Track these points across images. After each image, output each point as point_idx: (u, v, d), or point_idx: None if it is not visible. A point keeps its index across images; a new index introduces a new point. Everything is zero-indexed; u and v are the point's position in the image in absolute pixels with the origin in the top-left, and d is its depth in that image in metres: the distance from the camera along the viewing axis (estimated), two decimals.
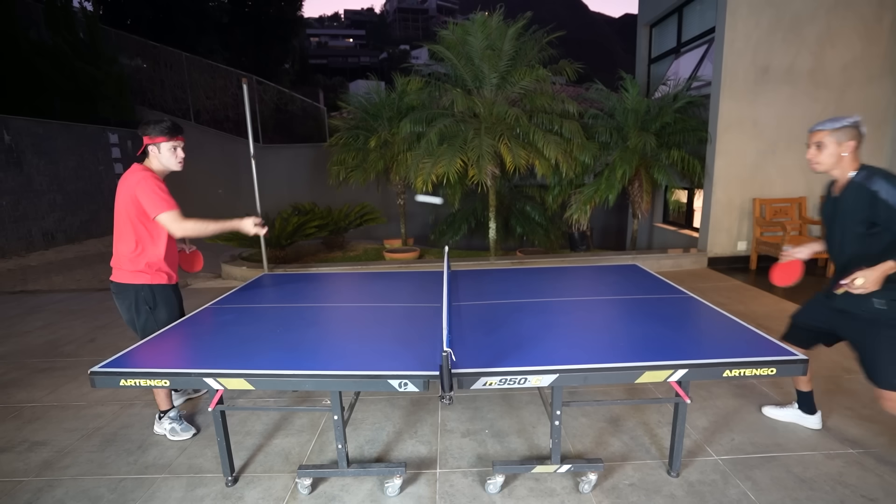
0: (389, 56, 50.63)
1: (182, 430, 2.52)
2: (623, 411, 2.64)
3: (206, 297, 3.23)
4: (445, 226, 7.79)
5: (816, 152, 1.99)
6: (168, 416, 2.53)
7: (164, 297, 2.42)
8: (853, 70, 5.51)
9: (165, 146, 2.31)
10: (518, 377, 1.66)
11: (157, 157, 2.33)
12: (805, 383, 2.38)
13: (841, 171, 1.98)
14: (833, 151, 1.95)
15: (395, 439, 2.45)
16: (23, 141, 7.72)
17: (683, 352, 1.82)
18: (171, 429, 2.51)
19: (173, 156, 2.34)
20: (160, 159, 2.33)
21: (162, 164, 2.35)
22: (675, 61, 7.70)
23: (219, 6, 16.70)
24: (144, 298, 2.37)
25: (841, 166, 1.97)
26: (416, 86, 6.67)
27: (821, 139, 1.97)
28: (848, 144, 1.92)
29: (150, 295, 2.38)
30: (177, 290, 2.55)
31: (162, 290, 2.42)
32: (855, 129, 1.92)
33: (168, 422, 2.52)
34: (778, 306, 4.35)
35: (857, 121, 1.93)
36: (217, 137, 11.16)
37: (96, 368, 1.77)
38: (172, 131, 2.31)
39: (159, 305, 2.41)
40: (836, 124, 1.93)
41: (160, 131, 2.29)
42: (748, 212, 5.89)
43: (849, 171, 1.95)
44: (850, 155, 1.94)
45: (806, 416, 2.43)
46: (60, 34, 9.42)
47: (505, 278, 3.12)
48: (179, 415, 2.57)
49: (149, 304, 2.38)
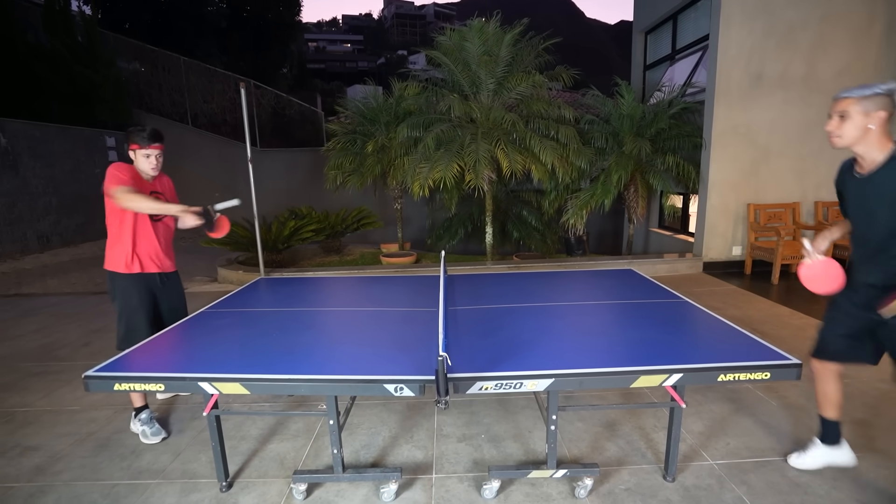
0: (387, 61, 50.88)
1: (152, 433, 2.51)
2: (619, 416, 2.65)
3: (201, 300, 3.22)
4: (442, 230, 7.80)
5: (839, 123, 1.70)
6: (139, 417, 2.54)
7: (122, 290, 2.47)
8: (846, 76, 5.58)
9: (140, 153, 2.43)
10: (514, 382, 1.66)
11: (135, 161, 2.47)
12: (834, 408, 2.00)
13: (866, 148, 1.68)
14: (858, 123, 1.65)
15: (390, 444, 2.45)
16: (19, 143, 7.70)
17: (678, 356, 1.83)
18: (142, 431, 2.52)
19: (146, 162, 2.44)
20: (137, 165, 2.46)
21: (139, 168, 2.46)
22: (670, 68, 7.77)
23: (217, 11, 16.74)
24: (109, 288, 2.50)
25: (866, 141, 1.67)
26: (414, 91, 6.70)
27: (845, 108, 1.68)
28: (877, 115, 1.63)
29: (111, 284, 2.48)
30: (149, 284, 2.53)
31: (122, 281, 2.46)
32: (888, 98, 1.63)
33: (139, 424, 2.53)
34: (773, 310, 4.37)
35: (892, 87, 1.63)
36: (214, 141, 11.16)
37: (90, 373, 1.76)
38: (146, 139, 2.41)
39: (116, 297, 2.48)
40: (867, 91, 1.64)
41: (135, 139, 2.41)
42: (743, 217, 5.93)
43: (876, 148, 1.67)
44: (879, 129, 1.64)
45: (835, 449, 2.06)
46: (59, 37, 9.42)
47: (501, 283, 3.12)
48: (151, 416, 2.56)
49: (111, 294, 2.50)
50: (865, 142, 1.68)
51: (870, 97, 1.64)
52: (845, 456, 2.08)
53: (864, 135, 1.66)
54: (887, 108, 1.64)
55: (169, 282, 2.64)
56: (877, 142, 1.67)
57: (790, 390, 2.85)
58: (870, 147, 1.68)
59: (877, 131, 1.65)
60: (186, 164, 10.90)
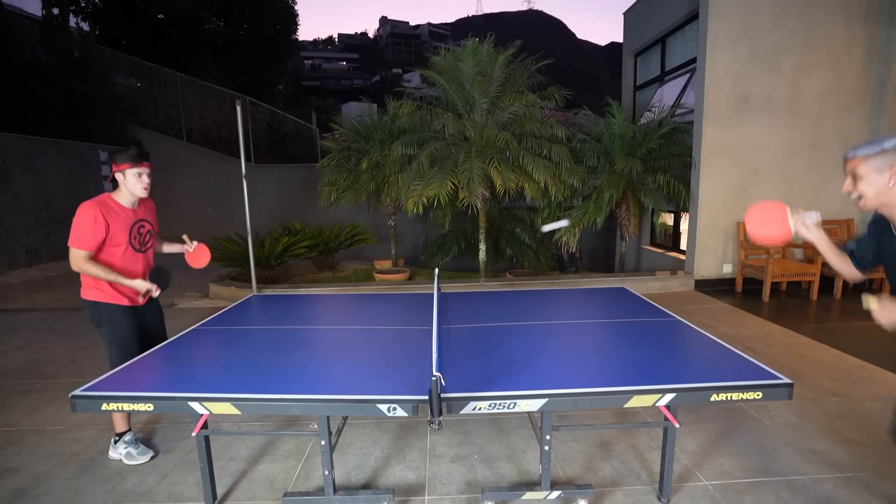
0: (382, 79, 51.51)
1: (139, 453, 2.46)
2: (613, 435, 2.63)
3: (192, 317, 3.18)
4: (436, 247, 7.82)
5: (852, 184, 1.55)
6: (123, 439, 2.48)
7: (110, 316, 2.38)
8: (828, 100, 5.74)
9: (130, 172, 2.32)
10: (507, 402, 1.65)
11: (123, 183, 2.35)
12: None
13: (891, 209, 1.52)
14: (874, 182, 1.49)
15: (382, 465, 2.41)
16: (10, 157, 7.66)
17: (671, 376, 1.83)
18: (128, 453, 2.46)
19: (138, 182, 2.35)
20: (126, 186, 2.35)
21: (128, 191, 2.36)
22: (659, 89, 7.96)
23: (215, 28, 16.94)
24: (91, 315, 2.39)
25: (891, 201, 1.50)
26: (408, 109, 6.78)
27: (854, 168, 1.53)
28: (893, 171, 1.46)
29: (95, 312, 2.38)
30: (138, 312, 2.48)
31: (108, 308, 2.38)
32: None
33: (123, 446, 2.47)
34: (764, 329, 4.41)
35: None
36: (209, 156, 11.18)
37: (77, 392, 1.73)
38: (137, 158, 2.32)
39: (103, 322, 2.38)
40: (875, 148, 1.49)
41: (125, 159, 2.31)
42: (733, 235, 6.01)
43: None
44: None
45: None
46: (55, 52, 9.47)
47: (494, 301, 3.13)
48: (135, 438, 2.51)
49: (94, 320, 2.39)
50: (890, 201, 1.51)
51: (880, 154, 1.48)
52: None
53: (885, 193, 1.50)
54: None
55: (149, 303, 2.57)
56: None
57: (783, 409, 2.86)
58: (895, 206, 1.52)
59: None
60: (181, 179, 10.89)
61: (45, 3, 9.69)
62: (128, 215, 2.38)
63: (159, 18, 15.24)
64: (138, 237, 2.44)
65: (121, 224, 2.34)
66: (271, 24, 18.25)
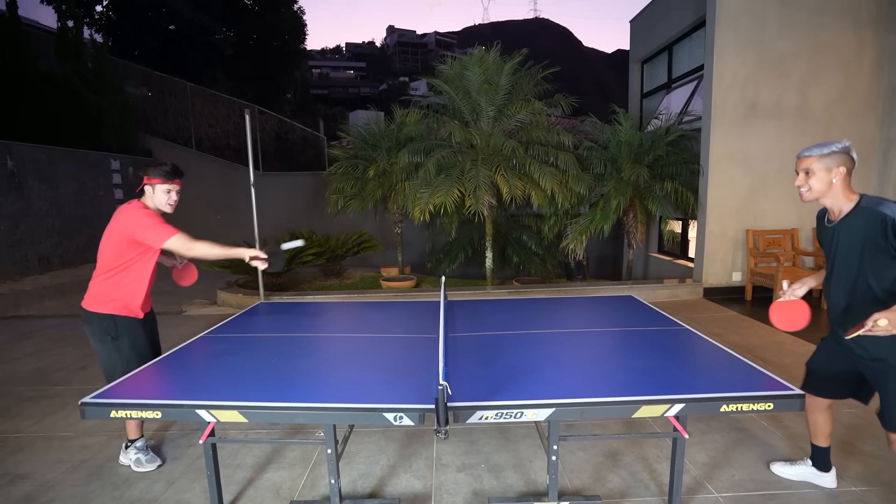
0: (389, 87, 51.95)
1: (147, 461, 2.48)
2: (621, 445, 2.60)
3: (200, 324, 3.20)
4: (442, 254, 7.81)
5: (805, 179, 1.88)
6: (135, 445, 2.49)
7: (130, 330, 2.37)
8: (837, 106, 5.70)
9: (160, 188, 2.36)
10: (514, 411, 1.64)
11: (150, 196, 2.39)
12: (824, 438, 2.15)
13: (832, 200, 1.86)
14: (823, 178, 1.83)
15: (389, 473, 2.40)
16: (25, 166, 7.80)
17: (680, 386, 1.81)
18: (136, 459, 2.47)
19: (166, 197, 2.38)
20: (153, 199, 2.38)
21: (154, 204, 2.39)
22: (666, 96, 7.95)
23: (224, 39, 17.20)
24: (107, 329, 2.33)
25: (832, 194, 1.84)
26: (415, 117, 6.82)
27: (808, 165, 1.85)
28: (838, 171, 1.80)
29: (112, 325, 2.33)
30: (146, 323, 2.48)
31: (126, 321, 2.37)
32: (845, 155, 1.81)
33: (134, 451, 2.48)
34: (774, 337, 4.35)
35: (847, 146, 1.81)
36: (217, 164, 11.30)
37: (87, 399, 1.74)
38: (170, 175, 2.37)
39: (122, 336, 2.35)
40: (825, 150, 1.82)
41: (158, 174, 2.35)
42: (742, 243, 5.96)
43: (842, 200, 1.84)
44: (842, 182, 1.82)
45: (821, 473, 2.20)
46: (69, 64, 9.67)
47: (501, 309, 3.12)
48: (146, 445, 2.53)
49: (111, 334, 2.33)
50: (831, 195, 1.86)
51: (829, 155, 1.81)
52: (829, 480, 2.21)
53: (829, 188, 1.84)
54: (846, 164, 1.82)
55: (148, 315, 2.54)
56: (841, 194, 1.84)
57: (795, 420, 2.81)
58: (836, 199, 1.86)
59: (839, 185, 1.83)
60: (190, 187, 10.94)
61: (60, 16, 9.92)
62: None
63: (170, 30, 15.51)
64: None
65: None
66: (280, 34, 18.51)
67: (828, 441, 2.17)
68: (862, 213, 1.79)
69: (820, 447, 2.18)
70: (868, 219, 1.76)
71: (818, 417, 2.15)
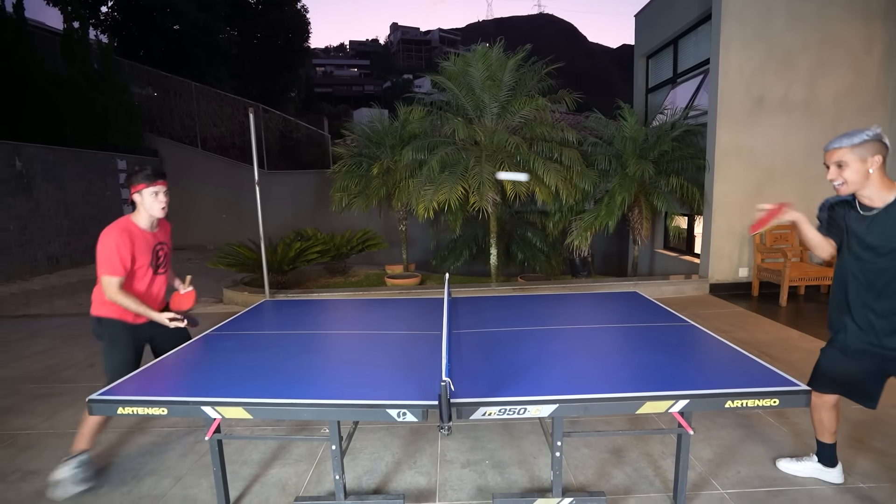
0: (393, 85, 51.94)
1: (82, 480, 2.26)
2: (625, 442, 2.60)
3: (206, 322, 3.22)
4: (447, 251, 7.82)
5: (838, 172, 1.77)
6: (79, 458, 2.29)
7: (110, 330, 2.33)
8: (845, 100, 5.63)
9: (147, 192, 2.31)
10: (517, 407, 1.64)
11: (141, 204, 2.33)
12: (830, 435, 2.14)
13: (872, 191, 1.74)
14: (858, 169, 1.72)
15: (393, 470, 2.41)
16: (33, 167, 7.88)
17: (685, 382, 1.80)
18: (73, 475, 2.24)
19: (155, 201, 2.33)
20: (145, 207, 2.33)
21: (146, 211, 2.34)
22: (671, 91, 7.89)
23: (228, 38, 17.27)
24: (94, 330, 2.36)
25: (871, 185, 1.73)
26: (419, 114, 6.82)
27: (840, 157, 1.75)
28: (874, 160, 1.70)
29: (97, 326, 2.34)
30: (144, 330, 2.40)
31: (112, 324, 2.33)
32: (878, 143, 1.70)
33: (76, 464, 2.26)
34: (781, 334, 4.32)
35: (878, 132, 1.71)
36: (222, 163, 11.37)
37: (94, 396, 1.77)
38: (151, 177, 2.31)
39: (104, 337, 2.34)
40: (856, 139, 1.72)
41: (140, 179, 2.30)
42: (748, 238, 5.91)
43: (883, 190, 1.74)
44: (879, 171, 1.72)
45: (826, 469, 2.19)
46: (76, 65, 9.75)
47: (505, 305, 3.12)
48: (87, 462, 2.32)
49: (97, 334, 2.36)
50: (870, 186, 1.75)
51: (861, 144, 1.71)
52: (836, 476, 2.19)
53: (867, 179, 1.74)
54: (881, 152, 1.71)
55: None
56: (880, 183, 1.74)
57: (802, 416, 2.79)
58: (875, 189, 1.75)
59: (877, 174, 1.73)
60: (195, 186, 11.09)
61: (66, 18, 10.00)
62: (148, 239, 2.37)
63: (175, 30, 15.59)
64: (156, 259, 2.43)
65: (143, 249, 2.33)
66: (283, 32, 18.56)
67: (833, 438, 2.15)
68: None
69: (825, 443, 2.17)
70: None
71: (823, 415, 2.14)
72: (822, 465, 2.21)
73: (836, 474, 2.19)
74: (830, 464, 2.19)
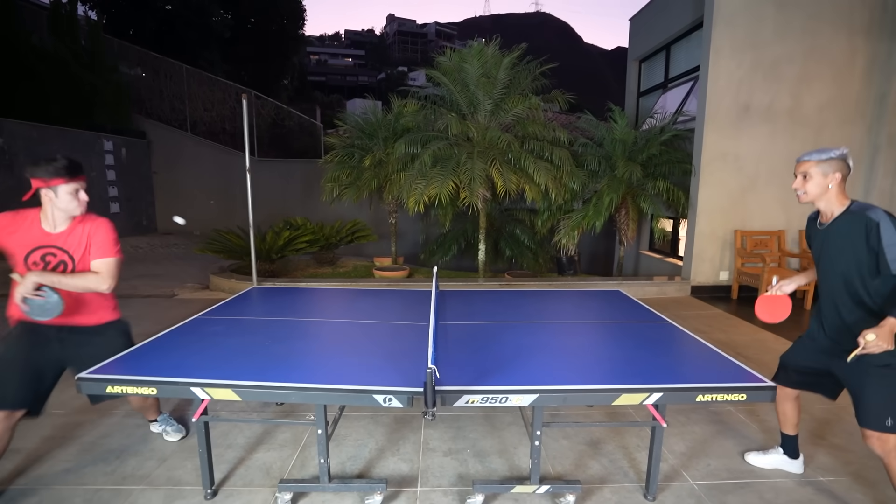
0: (387, 77, 51.54)
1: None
2: (603, 435, 2.69)
3: (193, 307, 3.23)
4: (436, 246, 7.87)
5: (802, 182, 1.97)
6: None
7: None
8: (828, 111, 5.79)
9: (65, 189, 1.92)
10: (500, 396, 1.71)
11: (51, 202, 1.93)
12: (793, 427, 2.29)
13: (827, 204, 1.95)
14: (819, 182, 1.92)
15: (377, 456, 2.47)
16: (16, 143, 7.71)
17: (660, 376, 1.89)
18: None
19: (73, 199, 1.95)
20: (57, 204, 1.93)
21: (59, 209, 1.96)
22: (662, 95, 8.01)
23: (222, 21, 16.98)
24: None
25: (827, 198, 1.93)
26: (413, 108, 6.83)
27: (807, 169, 1.94)
28: (834, 176, 1.90)
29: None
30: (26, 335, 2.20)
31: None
32: (842, 162, 1.89)
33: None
34: (757, 336, 4.46)
35: (844, 153, 1.90)
36: (212, 149, 11.23)
37: (84, 375, 1.79)
38: (71, 171, 1.92)
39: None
40: (823, 156, 1.91)
41: (55, 172, 1.89)
42: (730, 243, 6.07)
43: (835, 204, 1.93)
44: (837, 187, 1.91)
45: (790, 460, 2.34)
46: (63, 41, 9.52)
47: (492, 300, 3.18)
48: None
49: None
50: (826, 198, 1.95)
51: (827, 161, 1.90)
52: (797, 466, 2.35)
53: (824, 193, 1.93)
54: (842, 171, 1.90)
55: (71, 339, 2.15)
56: (835, 198, 1.93)
57: (771, 414, 2.90)
58: (830, 202, 1.95)
59: (834, 190, 1.92)
60: (184, 171, 10.95)
61: None
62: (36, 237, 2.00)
63: (167, 10, 15.28)
64: (42, 262, 2.02)
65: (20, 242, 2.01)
66: (278, 18, 18.31)
67: (796, 430, 2.30)
68: (851, 217, 1.89)
69: (789, 435, 2.32)
70: (855, 223, 1.86)
71: (786, 407, 2.28)
72: (787, 457, 2.35)
73: (798, 465, 2.34)
74: (793, 455, 2.34)
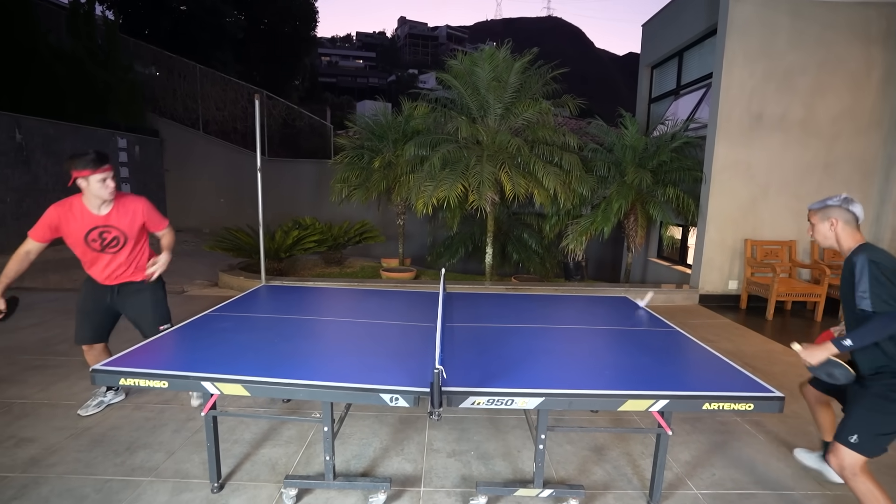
0: (398, 79, 51.76)
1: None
2: (607, 440, 2.68)
3: (202, 303, 3.27)
4: (443, 248, 7.89)
5: (810, 229, 2.09)
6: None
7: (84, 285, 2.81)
8: (842, 122, 5.74)
9: (95, 178, 2.39)
10: (505, 398, 1.71)
11: (86, 189, 2.42)
12: (829, 433, 2.30)
13: (840, 247, 2.00)
14: (821, 229, 2.02)
15: (381, 455, 2.48)
16: (33, 140, 7.85)
17: (666, 383, 1.88)
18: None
19: (103, 187, 2.42)
20: (91, 192, 2.43)
21: (94, 195, 2.44)
22: (674, 102, 7.98)
23: (235, 22, 17.19)
24: None
25: (839, 242, 1.98)
26: (423, 111, 6.87)
27: (810, 218, 2.06)
28: (833, 221, 1.97)
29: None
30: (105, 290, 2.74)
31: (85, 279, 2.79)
32: (839, 208, 1.96)
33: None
34: (766, 346, 4.42)
35: (841, 199, 1.96)
36: (224, 148, 11.35)
37: (98, 366, 1.82)
38: (97, 162, 2.39)
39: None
40: (819, 205, 2.02)
41: (86, 164, 2.37)
42: (740, 252, 6.02)
43: (844, 247, 1.98)
44: (840, 231, 1.96)
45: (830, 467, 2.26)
46: (80, 40, 9.68)
47: (499, 303, 3.19)
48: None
49: None
50: (838, 243, 2.00)
51: (823, 209, 2.00)
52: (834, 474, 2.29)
53: (830, 237, 2.00)
54: (842, 216, 1.96)
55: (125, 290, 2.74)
56: (843, 241, 1.98)
57: (778, 426, 2.88)
58: (841, 245, 2.00)
59: (839, 233, 1.97)
60: (196, 169, 11.07)
61: None
62: (88, 220, 2.52)
63: (182, 10, 15.49)
64: (100, 241, 2.58)
65: (76, 227, 2.52)
66: (291, 20, 18.49)
67: (830, 437, 2.29)
68: (848, 258, 1.97)
69: (827, 442, 2.32)
70: (847, 264, 1.95)
71: (818, 411, 2.33)
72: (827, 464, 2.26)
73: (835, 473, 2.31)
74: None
